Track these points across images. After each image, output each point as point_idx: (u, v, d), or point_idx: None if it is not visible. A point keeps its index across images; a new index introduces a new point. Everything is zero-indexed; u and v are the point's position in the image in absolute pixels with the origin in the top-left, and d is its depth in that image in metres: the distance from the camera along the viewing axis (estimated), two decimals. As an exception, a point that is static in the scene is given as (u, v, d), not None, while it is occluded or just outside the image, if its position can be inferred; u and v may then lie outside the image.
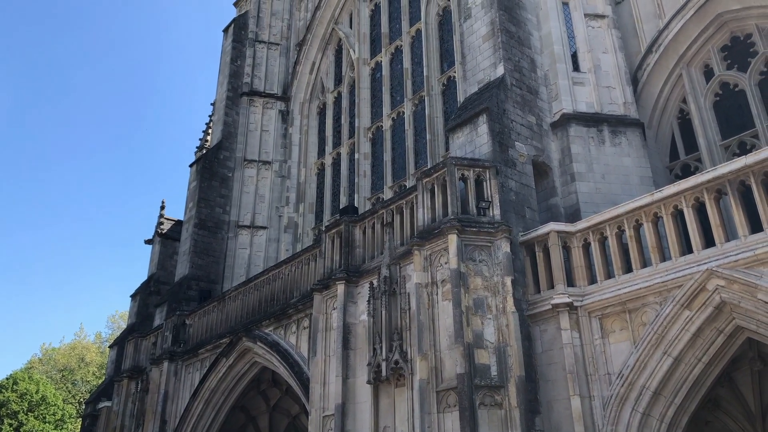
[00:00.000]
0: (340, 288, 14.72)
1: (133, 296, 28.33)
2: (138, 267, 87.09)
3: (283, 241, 25.77)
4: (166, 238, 28.79)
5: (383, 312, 13.50)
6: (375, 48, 26.38)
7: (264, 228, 26.06)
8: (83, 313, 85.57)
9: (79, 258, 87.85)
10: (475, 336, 11.98)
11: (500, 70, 15.83)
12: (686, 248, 11.58)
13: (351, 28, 27.95)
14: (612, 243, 12.48)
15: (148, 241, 29.75)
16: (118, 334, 35.98)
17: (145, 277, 29.13)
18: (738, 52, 16.21)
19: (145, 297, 27.47)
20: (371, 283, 14.15)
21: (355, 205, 22.74)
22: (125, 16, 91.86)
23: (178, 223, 28.48)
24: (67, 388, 51.21)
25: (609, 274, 12.42)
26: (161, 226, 29.24)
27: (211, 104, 30.76)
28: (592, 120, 15.93)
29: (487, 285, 12.49)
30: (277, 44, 29.94)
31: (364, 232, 15.49)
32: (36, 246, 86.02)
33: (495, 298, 12.40)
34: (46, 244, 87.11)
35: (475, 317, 12.16)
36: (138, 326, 26.45)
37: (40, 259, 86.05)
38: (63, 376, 52.30)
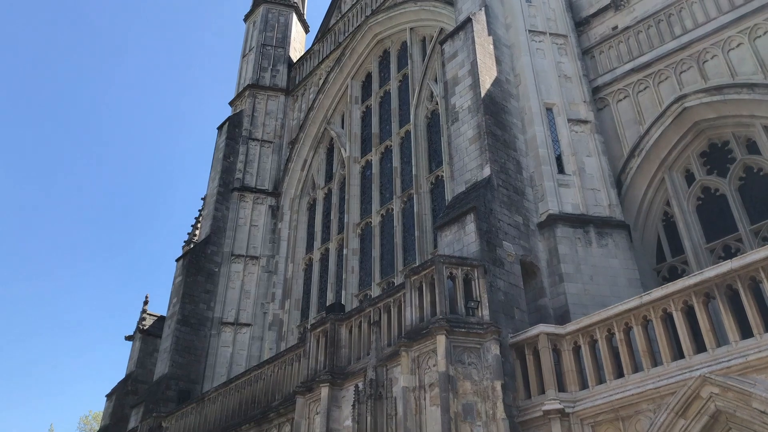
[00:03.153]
0: (324, 391, 14.19)
1: (108, 396, 27.19)
2: (117, 364, 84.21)
3: (267, 340, 25.16)
4: (147, 335, 28.03)
5: (368, 418, 12.94)
6: (365, 147, 27.06)
7: (248, 325, 25.49)
8: (54, 412, 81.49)
9: (55, 353, 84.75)
10: (464, 444, 11.44)
11: (487, 171, 16.16)
12: (677, 353, 11.40)
13: (343, 128, 28.80)
14: (602, 346, 12.27)
15: (128, 338, 28.98)
16: (91, 436, 34.19)
17: (122, 375, 28.09)
18: (717, 158, 16.73)
19: (122, 397, 26.34)
20: (356, 386, 13.67)
21: (343, 302, 22.46)
22: (117, 112, 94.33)
23: (161, 319, 27.87)
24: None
25: (600, 379, 12.12)
26: (143, 322, 28.58)
27: (202, 199, 31.07)
28: (579, 221, 16.12)
29: (476, 389, 12.09)
30: (270, 142, 30.67)
31: (350, 332, 15.16)
32: (4, 335, 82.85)
33: (485, 403, 11.98)
34: (20, 335, 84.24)
35: (464, 424, 11.67)
36: (112, 428, 25.21)
37: (7, 350, 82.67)
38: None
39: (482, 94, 17.50)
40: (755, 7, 16.33)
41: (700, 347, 11.08)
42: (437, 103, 23.54)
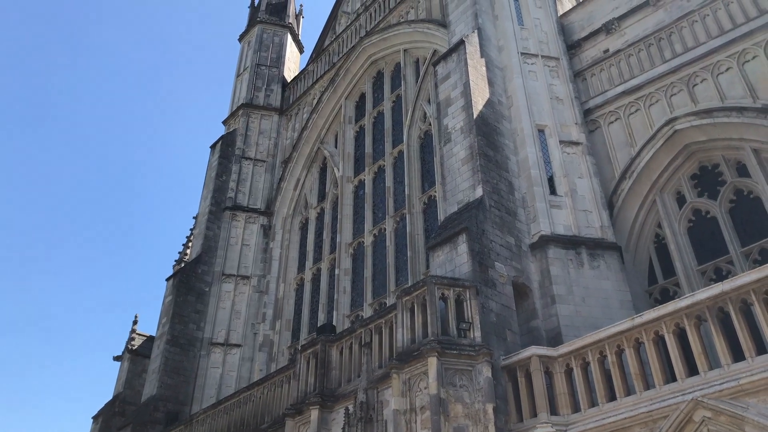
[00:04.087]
0: (314, 413, 14.03)
1: (95, 417, 26.73)
2: (104, 385, 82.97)
3: (257, 361, 24.87)
4: (136, 355, 27.67)
5: (359, 440, 12.78)
6: (358, 167, 27.10)
7: (238, 346, 25.21)
8: (39, 434, 79.98)
9: (40, 373, 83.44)
10: (455, 469, 11.29)
11: (479, 192, 16.19)
12: (670, 376, 11.35)
13: (336, 147, 28.86)
14: (594, 369, 12.21)
15: (117, 358, 28.60)
16: (76, 458, 33.56)
17: (110, 397, 27.66)
18: (707, 180, 16.82)
19: (108, 419, 25.89)
20: (347, 409, 13.52)
21: (334, 322, 22.31)
22: (109, 129, 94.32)
23: (150, 339, 27.55)
24: None
25: (593, 402, 12.03)
26: (132, 342, 28.23)
27: (194, 218, 30.91)
28: (571, 243, 16.13)
29: (468, 412, 11.97)
30: (263, 161, 30.64)
31: (341, 353, 15.03)
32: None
33: (476, 426, 11.85)
34: (3, 353, 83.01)
35: (455, 448, 11.52)
36: (98, 451, 24.75)
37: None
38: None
39: (474, 116, 17.59)
40: (744, 32, 16.55)
41: (692, 370, 11.05)
42: (430, 124, 23.65)
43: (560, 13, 21.53)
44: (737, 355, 10.63)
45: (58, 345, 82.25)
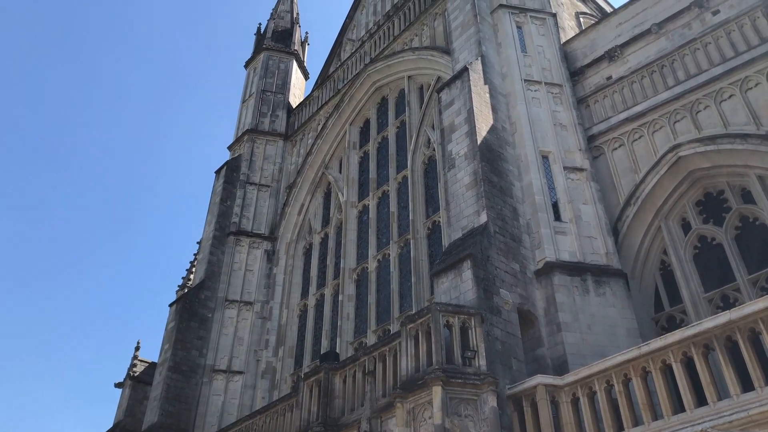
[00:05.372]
0: (317, 442, 13.84)
1: (95, 445, 26.46)
2: (105, 412, 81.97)
3: (260, 388, 24.61)
4: (137, 382, 27.42)
5: (362, 471, 12.58)
6: (363, 192, 27.14)
7: (240, 373, 24.95)
8: (35, 464, 78.76)
9: (41, 400, 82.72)
10: (461, 501, 11.08)
11: (483, 218, 16.15)
12: (678, 406, 11.16)
13: (340, 172, 28.94)
14: (601, 399, 12.02)
15: (118, 385, 28.35)
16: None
17: (110, 424, 27.35)
18: (712, 207, 16.76)
19: (108, 447, 25.62)
20: (350, 438, 13.33)
21: (338, 349, 22.11)
22: (115, 154, 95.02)
23: (152, 366, 27.31)
24: None
25: (600, 433, 11.80)
26: (134, 369, 28.01)
27: (197, 243, 30.89)
28: (576, 269, 16.03)
29: (472, 443, 11.77)
30: (268, 186, 30.72)
31: (344, 381, 14.87)
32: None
33: (481, 457, 11.64)
34: (3, 379, 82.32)
35: (460, 479, 11.32)
36: (98, 479, 24.38)
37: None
38: None
39: (478, 141, 17.65)
40: (746, 60, 16.65)
41: (700, 400, 10.86)
42: (434, 150, 23.72)
43: (563, 40, 21.73)
44: (746, 384, 10.47)
45: (58, 371, 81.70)
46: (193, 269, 30.95)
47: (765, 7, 16.76)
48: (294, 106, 33.95)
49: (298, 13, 38.83)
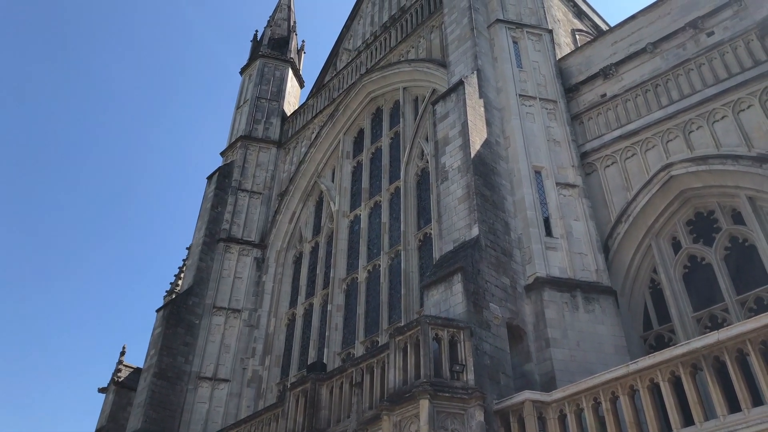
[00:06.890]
0: (302, 453, 13.70)
1: (76, 451, 26.09)
2: (87, 418, 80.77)
3: (245, 397, 24.36)
4: (121, 387, 27.06)
5: (346, 484, 12.45)
6: (355, 202, 27.08)
7: (226, 381, 24.69)
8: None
9: (20, 402, 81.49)
10: None
11: (475, 231, 16.14)
12: (665, 425, 11.14)
13: (333, 182, 28.90)
14: (588, 416, 11.99)
15: (102, 390, 27.97)
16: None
17: (93, 430, 26.99)
18: (702, 227, 16.82)
19: (90, 453, 25.23)
20: (335, 450, 13.21)
21: (325, 360, 21.99)
22: (106, 158, 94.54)
23: (137, 371, 27.00)
24: None
25: (587, 451, 11.76)
26: (119, 374, 27.65)
27: (187, 248, 30.66)
28: (566, 285, 16.03)
29: (458, 458, 11.68)
30: (260, 193, 30.60)
31: (331, 392, 14.75)
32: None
33: (467, 473, 11.55)
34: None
35: (445, 494, 11.22)
36: (78, 485, 24.02)
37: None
38: None
39: (472, 155, 17.68)
40: (739, 81, 16.79)
41: (687, 420, 10.84)
42: (427, 162, 23.74)
43: (558, 56, 21.86)
44: (733, 405, 10.46)
45: (41, 374, 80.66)
46: (182, 275, 30.70)
47: (759, 29, 16.94)
48: (288, 114, 33.94)
49: (295, 22, 38.93)
